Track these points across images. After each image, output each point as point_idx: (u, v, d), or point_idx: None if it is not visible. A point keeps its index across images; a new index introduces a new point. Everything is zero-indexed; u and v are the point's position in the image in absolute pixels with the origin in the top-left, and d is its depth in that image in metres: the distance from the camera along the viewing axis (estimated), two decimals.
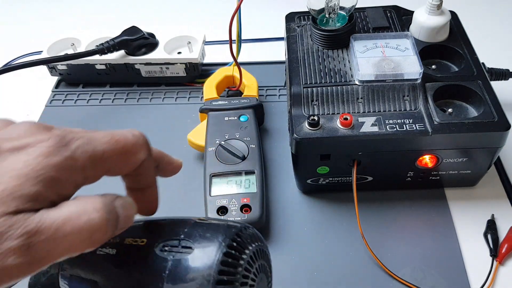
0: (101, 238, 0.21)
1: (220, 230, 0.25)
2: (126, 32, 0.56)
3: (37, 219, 0.19)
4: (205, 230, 0.25)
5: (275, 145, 0.51)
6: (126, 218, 0.22)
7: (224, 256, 0.24)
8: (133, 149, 0.24)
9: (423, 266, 0.40)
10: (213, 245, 0.24)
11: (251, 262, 0.25)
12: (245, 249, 0.25)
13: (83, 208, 0.20)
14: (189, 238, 0.25)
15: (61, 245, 0.20)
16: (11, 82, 0.62)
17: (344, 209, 0.44)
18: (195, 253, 0.24)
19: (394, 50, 0.43)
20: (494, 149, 0.40)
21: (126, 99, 0.58)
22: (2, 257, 0.18)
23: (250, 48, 0.64)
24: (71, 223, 0.20)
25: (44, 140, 0.21)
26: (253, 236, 0.26)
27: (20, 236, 0.19)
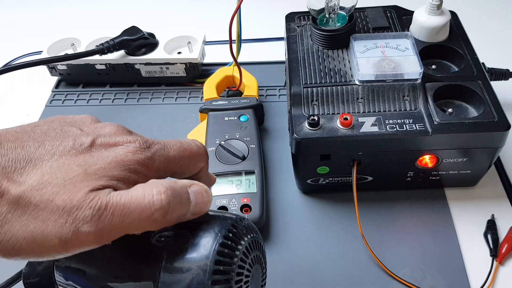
0: (162, 219, 0.23)
1: (216, 221, 0.26)
2: (126, 32, 0.56)
3: (110, 196, 0.23)
4: (201, 221, 0.26)
5: (275, 145, 0.51)
6: (199, 203, 0.25)
7: (220, 246, 0.24)
8: (196, 157, 0.28)
9: (423, 266, 0.40)
10: (209, 235, 0.25)
11: (246, 253, 0.25)
12: (241, 240, 0.25)
13: (149, 190, 0.23)
14: (185, 228, 0.25)
15: (126, 221, 0.23)
16: (11, 82, 0.62)
17: (344, 209, 0.44)
18: (192, 244, 0.24)
19: (394, 50, 0.43)
20: (494, 149, 0.40)
21: (126, 99, 0.58)
22: (78, 222, 0.22)
23: (250, 48, 0.64)
24: (136, 202, 0.23)
25: (131, 141, 0.26)
26: (248, 227, 0.27)
27: (94, 208, 0.22)
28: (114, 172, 0.24)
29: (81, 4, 0.78)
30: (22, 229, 0.22)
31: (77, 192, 0.22)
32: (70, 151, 0.24)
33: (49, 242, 0.22)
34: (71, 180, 0.23)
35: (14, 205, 0.22)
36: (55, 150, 0.24)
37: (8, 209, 0.22)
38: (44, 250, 0.22)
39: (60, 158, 0.24)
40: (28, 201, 0.22)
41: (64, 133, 0.26)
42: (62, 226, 0.22)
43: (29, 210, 0.22)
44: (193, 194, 0.25)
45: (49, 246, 0.22)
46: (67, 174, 0.23)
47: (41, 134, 0.25)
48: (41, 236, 0.22)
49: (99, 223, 0.22)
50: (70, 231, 0.22)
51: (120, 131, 0.28)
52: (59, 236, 0.22)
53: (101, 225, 0.22)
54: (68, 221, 0.22)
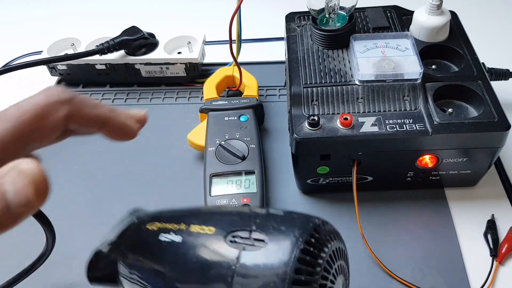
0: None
1: (296, 224, 0.23)
2: (126, 32, 0.56)
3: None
4: (279, 223, 0.23)
5: (275, 145, 0.51)
6: (19, 192, 0.19)
7: (301, 253, 0.21)
8: (46, 111, 0.22)
9: (423, 266, 0.40)
10: (289, 239, 0.22)
11: (330, 261, 0.23)
12: (324, 246, 0.22)
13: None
14: (262, 229, 0.23)
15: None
16: (11, 82, 0.62)
17: (344, 209, 0.44)
18: (269, 247, 0.22)
19: (394, 50, 0.43)
20: (494, 149, 0.40)
21: (126, 99, 0.58)
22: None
23: (250, 48, 0.64)
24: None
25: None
26: (332, 232, 0.24)
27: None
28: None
29: (81, 4, 0.78)
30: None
31: None
32: None
33: None
34: None
35: None
36: None
37: None
38: None
39: None
40: None
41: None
42: None
43: None
44: (10, 183, 0.19)
45: None
46: None
47: None
48: None
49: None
50: None
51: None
52: None
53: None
54: None
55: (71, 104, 0.23)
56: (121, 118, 0.26)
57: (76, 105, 0.24)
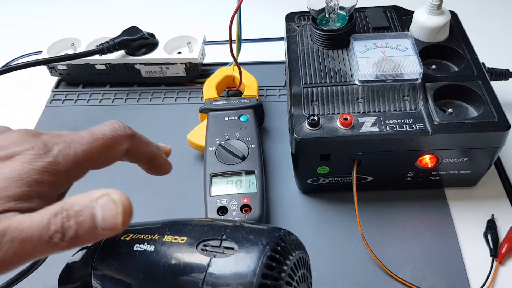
0: (62, 242, 0.21)
1: (264, 233, 0.25)
2: (126, 32, 0.56)
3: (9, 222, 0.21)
4: (248, 232, 0.25)
5: (275, 145, 0.51)
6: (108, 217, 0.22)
7: (268, 259, 0.23)
8: (113, 142, 0.26)
9: (423, 266, 0.40)
10: (257, 247, 0.23)
11: (294, 269, 0.24)
12: (289, 255, 0.24)
13: (44, 213, 0.22)
14: (232, 239, 0.24)
15: (27, 247, 0.21)
16: (11, 82, 0.62)
17: (344, 209, 0.44)
18: (238, 254, 0.23)
19: (394, 50, 0.43)
20: (494, 149, 0.40)
21: (126, 99, 0.58)
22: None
23: (250, 48, 0.64)
24: (35, 227, 0.21)
25: (29, 148, 0.23)
26: (297, 243, 0.25)
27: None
28: (11, 191, 0.22)
29: (81, 4, 0.78)
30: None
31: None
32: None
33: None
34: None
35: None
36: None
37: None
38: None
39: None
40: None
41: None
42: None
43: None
44: (100, 209, 0.22)
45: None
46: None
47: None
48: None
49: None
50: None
51: (22, 138, 0.24)
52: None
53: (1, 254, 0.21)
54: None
55: (132, 140, 0.27)
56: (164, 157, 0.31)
57: (135, 142, 0.28)
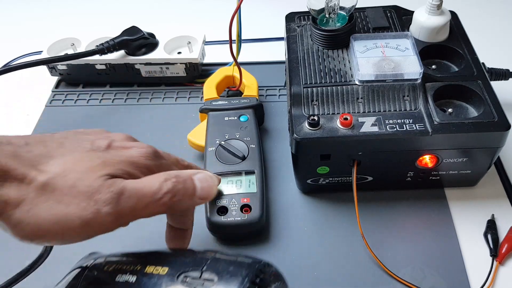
0: (170, 201, 0.27)
1: (243, 266, 0.25)
2: (126, 32, 0.56)
3: (126, 182, 0.26)
4: (228, 264, 0.25)
5: (275, 145, 0.51)
6: (205, 187, 0.29)
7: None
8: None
9: (423, 266, 0.40)
10: (236, 279, 0.24)
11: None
12: (268, 286, 0.25)
13: (157, 177, 0.27)
14: (212, 270, 0.25)
15: (140, 204, 0.26)
16: (11, 82, 0.62)
17: (344, 209, 0.44)
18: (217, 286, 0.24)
19: (394, 50, 0.43)
20: (494, 149, 0.40)
21: (126, 99, 0.58)
22: (98, 205, 0.24)
23: (250, 48, 0.64)
24: (148, 187, 0.27)
25: (144, 147, 0.30)
26: (276, 275, 0.26)
27: (113, 192, 0.25)
28: (128, 168, 0.27)
29: (81, 4, 0.78)
30: (47, 212, 0.24)
31: (98, 178, 0.25)
32: (89, 151, 0.27)
33: (72, 223, 0.24)
34: (93, 168, 0.25)
35: (41, 191, 0.24)
36: (75, 149, 0.27)
37: (35, 194, 0.24)
38: (66, 233, 0.24)
39: (80, 154, 0.26)
40: (54, 187, 0.24)
41: (80, 138, 0.29)
42: (84, 208, 0.24)
43: (54, 195, 0.24)
44: (198, 180, 0.29)
45: (72, 227, 0.24)
46: (89, 164, 0.26)
47: (60, 138, 0.28)
48: (64, 219, 0.24)
49: (117, 205, 0.25)
50: (91, 213, 0.24)
51: (130, 138, 0.31)
52: (81, 217, 0.24)
53: (119, 207, 0.25)
54: (90, 204, 0.24)
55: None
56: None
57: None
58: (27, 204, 0.23)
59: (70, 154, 0.26)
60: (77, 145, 0.27)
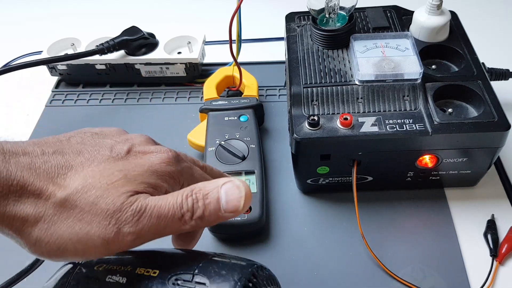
0: (191, 220, 0.25)
1: (236, 269, 0.25)
2: (126, 32, 0.56)
3: (148, 200, 0.25)
4: (220, 267, 0.25)
5: (275, 145, 0.51)
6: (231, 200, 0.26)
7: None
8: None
9: (423, 266, 0.40)
10: (228, 283, 0.24)
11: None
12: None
13: (178, 194, 0.26)
14: (203, 273, 0.25)
15: (162, 223, 0.25)
16: (11, 82, 0.62)
17: (344, 209, 0.44)
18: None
19: (394, 50, 0.43)
20: (494, 149, 0.40)
21: (126, 99, 0.58)
22: (120, 223, 0.24)
23: (250, 48, 0.64)
24: (169, 205, 0.25)
25: (165, 151, 0.28)
26: (269, 278, 0.26)
27: (135, 210, 0.24)
28: (151, 179, 0.26)
29: (81, 4, 0.78)
30: (68, 231, 0.23)
31: (119, 196, 0.24)
32: (109, 159, 0.26)
33: (93, 242, 0.23)
34: (114, 185, 0.24)
35: (60, 208, 0.23)
36: (94, 157, 0.26)
37: (54, 211, 0.23)
38: (87, 250, 0.24)
39: (99, 164, 0.25)
40: (74, 204, 0.23)
41: (99, 143, 0.27)
42: (106, 227, 0.23)
43: (74, 213, 0.23)
44: (224, 193, 0.26)
45: (93, 246, 0.23)
46: (109, 178, 0.25)
47: (77, 144, 0.27)
48: (85, 237, 0.23)
49: (139, 224, 0.24)
50: (112, 232, 0.23)
51: (150, 141, 0.30)
52: (102, 236, 0.23)
53: (140, 226, 0.24)
54: (111, 223, 0.23)
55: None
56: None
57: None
58: (46, 221, 0.23)
59: (89, 165, 0.25)
60: (96, 152, 0.26)
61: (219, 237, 0.43)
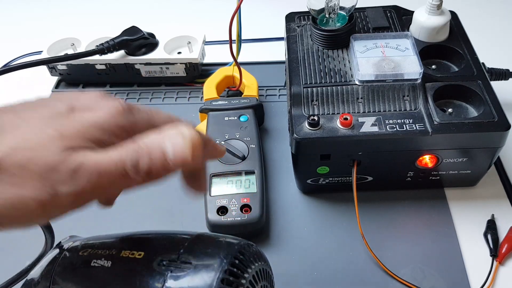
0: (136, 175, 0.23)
1: (222, 247, 0.25)
2: (126, 32, 0.56)
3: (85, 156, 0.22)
4: (206, 246, 0.25)
5: (275, 145, 0.51)
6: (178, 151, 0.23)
7: (225, 274, 0.23)
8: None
9: (423, 266, 0.40)
10: (214, 261, 0.23)
11: (253, 282, 0.24)
12: (248, 268, 0.24)
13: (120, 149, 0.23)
14: (189, 253, 0.24)
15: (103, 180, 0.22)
16: (11, 82, 0.62)
17: (344, 209, 0.44)
18: (195, 270, 0.23)
19: (394, 50, 0.43)
20: (494, 149, 0.40)
21: (126, 99, 0.58)
22: (54, 184, 0.21)
23: (250, 48, 0.64)
24: (110, 161, 0.23)
25: (113, 104, 0.25)
26: (256, 254, 0.25)
27: (70, 169, 0.22)
28: (92, 134, 0.23)
29: (81, 4, 0.78)
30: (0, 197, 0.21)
31: (51, 155, 0.22)
32: (45, 118, 0.23)
33: (28, 207, 0.21)
34: (47, 143, 0.22)
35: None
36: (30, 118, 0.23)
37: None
38: (24, 216, 0.22)
39: (34, 125, 0.23)
40: (4, 168, 0.21)
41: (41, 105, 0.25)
42: (40, 189, 0.21)
43: (5, 178, 0.21)
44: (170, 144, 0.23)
45: (29, 211, 0.22)
46: (41, 138, 0.22)
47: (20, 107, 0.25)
48: (19, 202, 0.21)
49: (77, 183, 0.22)
50: (48, 194, 0.22)
51: (102, 96, 0.26)
52: (37, 200, 0.21)
53: (79, 185, 0.22)
54: (45, 184, 0.22)
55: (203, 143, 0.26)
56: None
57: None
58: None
59: (25, 126, 0.23)
60: (35, 113, 0.24)
61: None
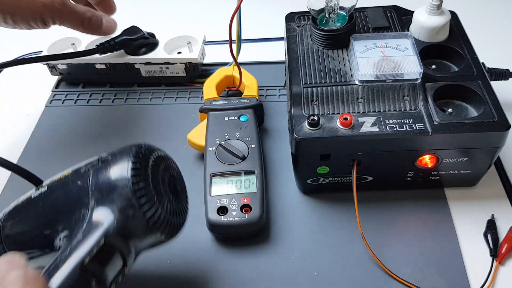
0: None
1: (131, 146, 0.32)
2: (126, 32, 0.56)
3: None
4: (117, 150, 0.32)
5: (275, 145, 0.51)
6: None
7: (134, 157, 0.31)
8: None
9: (423, 266, 0.40)
10: (125, 153, 0.31)
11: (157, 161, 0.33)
12: (152, 152, 0.33)
13: None
14: (106, 155, 0.32)
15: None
16: (11, 82, 0.62)
17: (344, 209, 0.44)
18: (112, 160, 0.31)
19: (394, 50, 0.43)
20: (494, 149, 0.40)
21: (126, 99, 0.58)
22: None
23: (250, 48, 0.64)
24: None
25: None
26: (157, 148, 0.34)
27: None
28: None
29: None
30: None
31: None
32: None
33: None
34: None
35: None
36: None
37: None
38: None
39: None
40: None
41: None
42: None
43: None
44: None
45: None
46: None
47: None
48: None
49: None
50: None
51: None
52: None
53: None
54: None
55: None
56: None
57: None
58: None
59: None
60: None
61: (219, 237, 0.43)
